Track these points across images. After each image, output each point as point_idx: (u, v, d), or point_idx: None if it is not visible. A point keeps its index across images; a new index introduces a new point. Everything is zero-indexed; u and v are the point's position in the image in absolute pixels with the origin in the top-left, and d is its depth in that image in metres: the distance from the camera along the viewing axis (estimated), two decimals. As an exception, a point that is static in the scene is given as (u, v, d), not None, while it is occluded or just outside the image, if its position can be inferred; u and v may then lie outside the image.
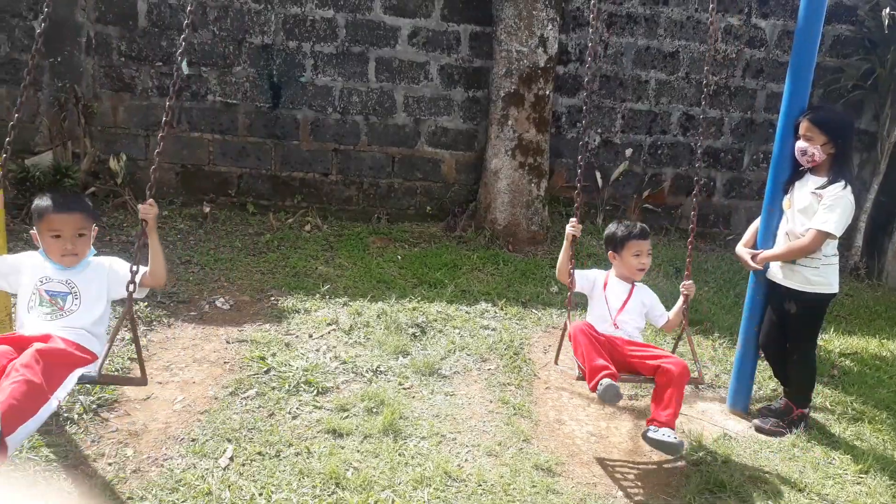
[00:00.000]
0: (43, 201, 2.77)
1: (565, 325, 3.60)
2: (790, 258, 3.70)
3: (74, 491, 2.84)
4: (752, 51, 6.80)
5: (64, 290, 2.77)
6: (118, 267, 2.89)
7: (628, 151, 6.84)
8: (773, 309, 3.87)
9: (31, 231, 2.84)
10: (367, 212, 6.71)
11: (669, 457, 3.42)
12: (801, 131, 3.61)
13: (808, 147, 3.58)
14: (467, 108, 6.62)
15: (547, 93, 6.26)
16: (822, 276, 3.68)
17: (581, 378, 3.40)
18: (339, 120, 6.52)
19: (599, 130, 6.82)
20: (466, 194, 6.78)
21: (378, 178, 6.70)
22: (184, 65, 6.24)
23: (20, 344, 2.55)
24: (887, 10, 6.03)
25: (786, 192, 3.76)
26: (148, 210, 2.81)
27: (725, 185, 7.11)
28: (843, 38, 6.77)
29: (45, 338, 2.61)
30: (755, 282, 3.91)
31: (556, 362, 3.79)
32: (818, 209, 3.57)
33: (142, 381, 2.91)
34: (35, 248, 2.91)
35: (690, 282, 3.70)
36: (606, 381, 3.22)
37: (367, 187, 6.70)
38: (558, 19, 6.20)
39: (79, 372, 2.61)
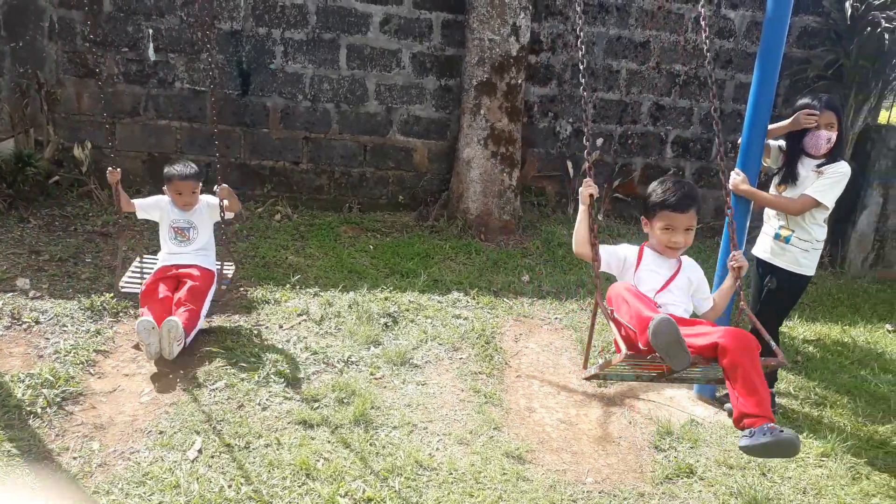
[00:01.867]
0: (172, 170, 4.17)
1: (593, 318, 2.79)
2: (770, 205, 3.79)
3: (38, 486, 2.79)
4: (721, 41, 6.86)
5: (187, 225, 4.22)
6: (211, 200, 4.23)
7: (599, 141, 6.88)
8: (754, 285, 3.99)
9: (164, 188, 4.24)
10: (338, 201, 6.66)
11: (788, 457, 2.71)
12: (822, 121, 3.65)
13: (832, 135, 3.67)
14: (440, 97, 6.59)
15: (519, 82, 6.25)
16: (809, 259, 3.79)
17: (630, 366, 2.61)
18: (309, 107, 6.45)
19: (571, 120, 6.84)
20: (439, 184, 6.76)
21: (349, 166, 6.65)
22: (150, 51, 6.11)
23: (173, 279, 4.05)
24: (850, 0, 6.13)
25: (778, 178, 3.85)
26: (222, 190, 4.13)
27: (694, 174, 7.19)
28: (809, 29, 6.86)
29: (187, 275, 4.04)
30: (722, 270, 3.96)
31: (584, 367, 2.89)
32: (818, 181, 3.67)
33: (232, 265, 4.44)
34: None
35: (739, 251, 2.93)
36: (659, 315, 2.38)
37: (338, 176, 6.65)
38: (530, 8, 6.19)
39: (210, 295, 4.08)
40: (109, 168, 4.02)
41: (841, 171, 3.67)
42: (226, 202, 4.15)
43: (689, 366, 2.41)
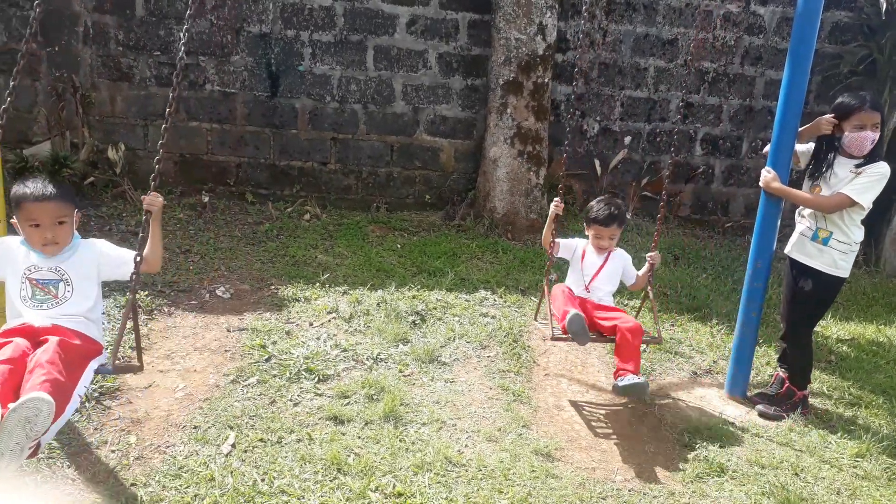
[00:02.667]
0: (19, 189, 2.61)
1: (545, 285, 3.96)
2: (804, 203, 3.73)
3: (78, 478, 2.86)
4: (751, 38, 6.78)
5: (54, 277, 2.66)
6: (108, 249, 2.83)
7: (627, 139, 6.84)
8: (787, 286, 3.92)
9: (12, 220, 2.70)
10: (365, 201, 6.72)
11: (639, 399, 3.83)
12: (866, 121, 3.56)
13: (876, 135, 3.60)
14: (466, 97, 6.61)
15: (546, 81, 6.25)
16: (846, 262, 3.73)
17: (557, 338, 3.68)
18: (337, 108, 6.51)
19: (598, 118, 6.81)
20: (465, 183, 6.78)
21: (377, 166, 6.69)
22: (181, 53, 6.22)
23: (31, 335, 2.52)
24: (886, -5, 6.02)
25: (813, 179, 3.78)
26: (153, 201, 2.79)
27: (724, 172, 7.12)
28: (841, 24, 6.75)
29: (55, 329, 2.55)
30: (753, 269, 3.93)
31: (535, 319, 4.31)
32: (856, 179, 3.60)
33: (139, 368, 2.91)
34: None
35: (656, 252, 3.97)
36: (573, 311, 3.56)
37: (365, 176, 6.70)
38: (557, 7, 6.18)
39: (94, 365, 2.62)
40: (151, 195, 2.85)
41: (880, 172, 3.59)
42: (140, 247, 2.73)
43: (590, 341, 3.66)
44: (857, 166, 3.62)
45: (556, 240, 3.94)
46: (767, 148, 3.85)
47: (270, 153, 6.55)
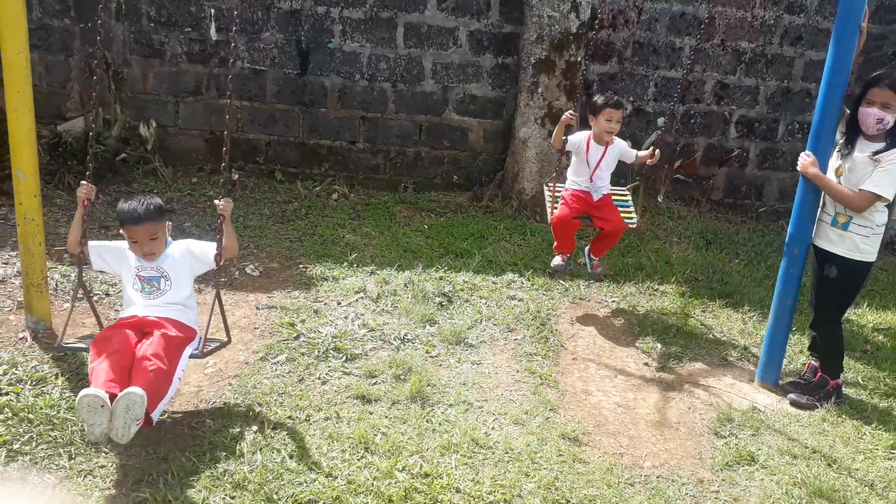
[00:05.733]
0: (120, 208, 3.19)
1: (554, 181, 4.58)
2: (834, 196, 3.62)
3: (111, 451, 2.91)
4: (791, 17, 6.58)
5: (156, 274, 3.21)
6: (194, 247, 3.30)
7: (660, 120, 6.72)
8: (814, 274, 3.85)
9: (121, 230, 3.24)
10: (393, 181, 6.69)
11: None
12: (877, 98, 3.47)
13: (886, 115, 3.48)
14: (496, 75, 6.53)
15: (579, 59, 6.14)
16: (870, 245, 3.64)
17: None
18: (366, 87, 6.48)
19: (631, 98, 6.69)
20: (494, 163, 6.72)
21: (405, 146, 6.66)
22: (212, 30, 6.23)
23: (139, 327, 3.04)
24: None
25: (841, 156, 3.67)
26: (225, 206, 3.20)
27: (759, 155, 6.96)
28: (886, 3, 6.52)
29: (158, 323, 3.05)
30: (789, 255, 3.84)
31: (545, 185, 4.93)
32: (875, 172, 3.50)
33: (227, 343, 3.28)
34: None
35: (651, 149, 4.49)
36: (557, 259, 4.57)
37: (393, 156, 6.68)
38: (591, -16, 6.05)
39: (188, 350, 3.09)
40: (83, 182, 3.19)
41: (894, 159, 3.47)
42: (219, 246, 3.16)
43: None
44: (875, 153, 3.51)
45: (565, 137, 4.44)
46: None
47: (300, 131, 6.55)
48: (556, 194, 4.58)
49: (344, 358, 3.77)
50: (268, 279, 4.66)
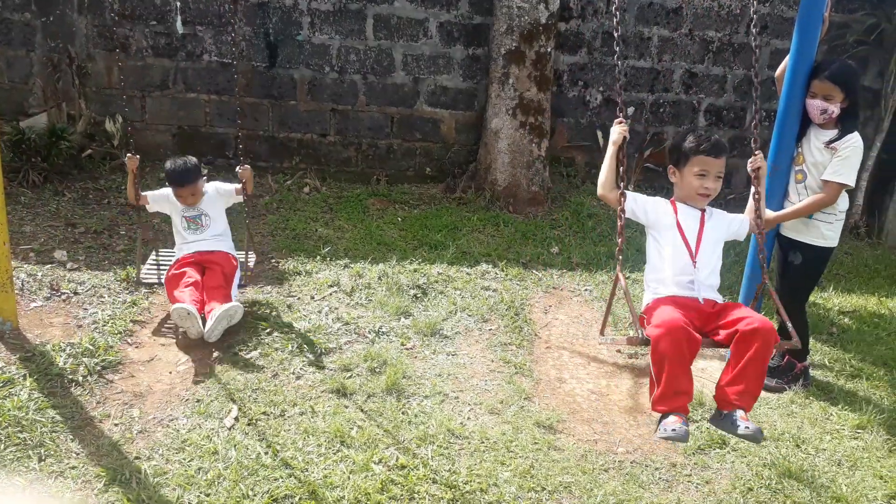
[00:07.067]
0: (169, 175, 4.03)
1: (615, 282, 2.81)
2: (810, 212, 3.68)
3: (82, 451, 2.87)
4: (758, 5, 6.67)
5: (197, 213, 4.11)
6: (221, 188, 4.19)
7: (630, 110, 6.77)
8: (779, 261, 3.93)
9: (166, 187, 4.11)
10: (365, 173, 6.66)
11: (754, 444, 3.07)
12: (818, 91, 3.55)
13: (829, 106, 3.55)
14: (467, 67, 6.52)
15: (549, 50, 6.15)
16: (834, 231, 3.73)
17: (637, 342, 2.73)
18: (336, 79, 6.43)
19: (601, 88, 6.72)
20: (466, 155, 6.72)
21: (377, 138, 6.63)
22: (178, 23, 6.12)
23: (198, 262, 4.02)
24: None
25: (797, 146, 3.74)
26: (243, 173, 4.09)
27: (727, 143, 7.04)
28: (849, -8, 6.64)
29: (211, 257, 4.03)
30: (757, 241, 3.90)
31: (601, 333, 2.93)
32: (833, 161, 3.57)
33: (252, 267, 4.31)
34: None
35: (759, 153, 2.99)
36: (673, 421, 2.58)
37: (365, 148, 6.64)
38: (559, -26, 6.07)
39: (237, 278, 4.06)
40: (129, 154, 3.99)
41: (851, 145, 3.55)
42: (240, 186, 4.12)
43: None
44: (830, 142, 3.58)
45: (625, 192, 2.80)
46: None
47: (269, 125, 6.48)
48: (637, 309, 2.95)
49: (318, 352, 3.76)
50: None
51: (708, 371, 4.06)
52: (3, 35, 5.95)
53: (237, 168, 4.09)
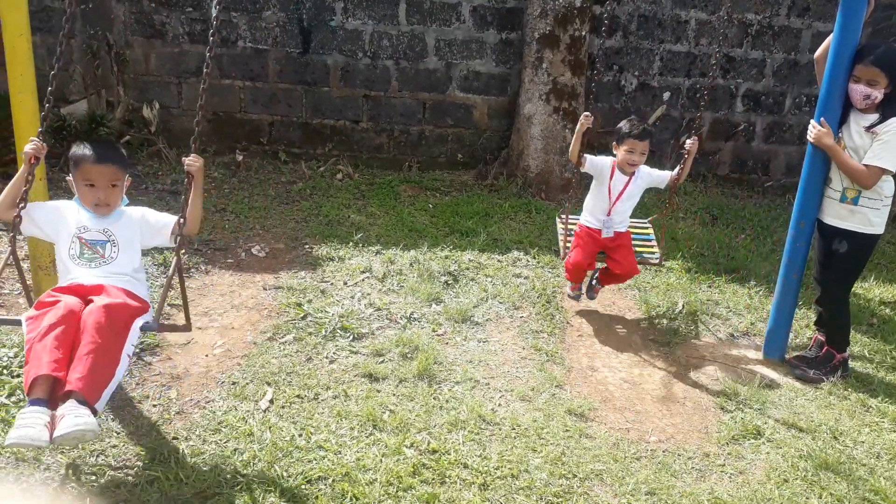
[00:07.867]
0: (79, 150, 2.75)
1: (567, 212, 4.21)
2: (845, 169, 3.57)
3: (122, 431, 2.94)
4: (799, -13, 6.49)
5: (102, 238, 2.77)
6: (150, 217, 2.89)
7: (666, 95, 6.66)
8: (820, 250, 3.83)
9: (68, 178, 2.85)
10: (397, 160, 6.67)
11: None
12: (862, 75, 3.46)
13: (873, 92, 3.45)
14: (500, 51, 6.47)
15: (583, 34, 6.07)
16: (881, 217, 3.64)
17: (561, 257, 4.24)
18: (369, 65, 6.43)
19: (636, 73, 6.63)
20: (498, 141, 6.68)
21: (409, 125, 6.63)
22: (213, 9, 6.17)
23: (80, 293, 2.60)
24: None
25: (838, 131, 3.65)
26: (193, 162, 2.78)
27: (765, 129, 6.90)
28: (896, -28, 6.42)
29: (102, 289, 2.61)
30: (796, 229, 3.82)
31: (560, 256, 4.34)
32: (873, 145, 3.49)
33: (186, 327, 2.83)
34: (71, 195, 2.92)
35: (694, 139, 4.03)
36: (569, 290, 4.33)
37: (397, 134, 6.65)
38: (595, -43, 5.97)
39: (139, 322, 2.64)
40: (33, 138, 2.73)
41: (893, 129, 3.45)
42: (180, 220, 2.72)
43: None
44: (871, 126, 3.50)
45: (585, 155, 4.03)
46: None
47: (303, 111, 6.52)
48: (570, 227, 4.24)
49: (351, 337, 3.80)
50: (274, 260, 4.68)
51: (743, 360, 4.01)
52: (44, 23, 6.07)
53: (184, 158, 2.81)
